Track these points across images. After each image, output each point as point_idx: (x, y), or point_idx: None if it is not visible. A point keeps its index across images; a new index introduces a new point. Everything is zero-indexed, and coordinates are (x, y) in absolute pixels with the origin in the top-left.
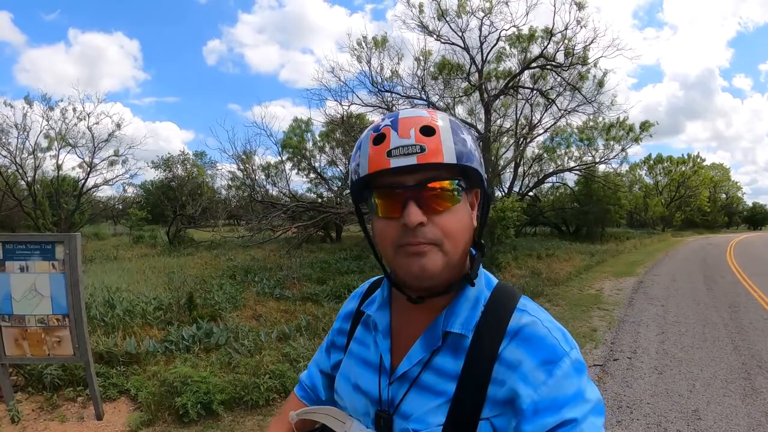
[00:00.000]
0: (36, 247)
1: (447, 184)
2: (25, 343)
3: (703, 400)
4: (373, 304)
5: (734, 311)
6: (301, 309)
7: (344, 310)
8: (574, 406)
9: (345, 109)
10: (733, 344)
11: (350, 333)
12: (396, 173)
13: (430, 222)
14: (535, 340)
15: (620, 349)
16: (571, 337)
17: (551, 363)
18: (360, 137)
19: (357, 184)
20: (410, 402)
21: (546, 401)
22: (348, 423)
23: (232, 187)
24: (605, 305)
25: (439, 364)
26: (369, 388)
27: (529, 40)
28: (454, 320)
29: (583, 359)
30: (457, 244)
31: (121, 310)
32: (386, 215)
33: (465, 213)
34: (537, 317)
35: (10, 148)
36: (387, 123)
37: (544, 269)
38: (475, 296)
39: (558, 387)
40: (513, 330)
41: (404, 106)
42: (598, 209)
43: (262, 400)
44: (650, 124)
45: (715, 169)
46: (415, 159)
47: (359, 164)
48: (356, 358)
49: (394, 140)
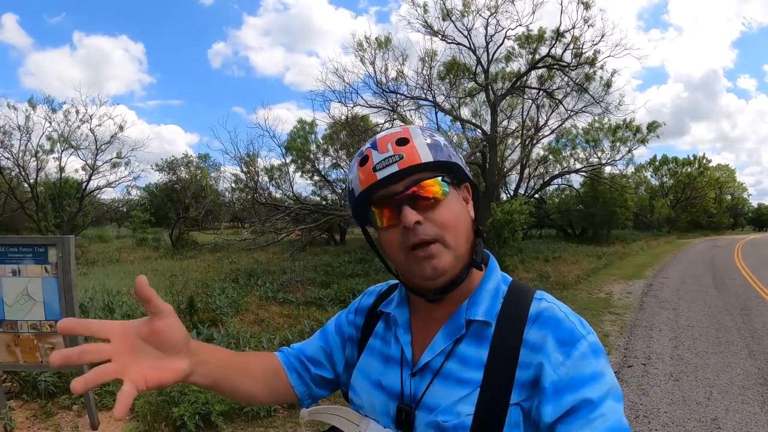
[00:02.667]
0: (28, 249)
1: (432, 181)
2: (18, 350)
3: (722, 407)
4: (392, 304)
5: (746, 314)
6: (304, 314)
7: (359, 304)
8: (592, 387)
9: (349, 110)
10: (747, 349)
11: (365, 329)
12: (385, 184)
13: (426, 219)
14: (553, 322)
15: (634, 355)
16: (588, 324)
17: (568, 344)
18: (349, 167)
19: (356, 206)
20: (435, 393)
21: (564, 381)
22: (363, 424)
23: (236, 189)
24: (616, 309)
25: (463, 353)
26: (389, 383)
27: (538, 40)
28: (477, 309)
29: (600, 343)
30: (458, 234)
31: (120, 314)
32: (387, 224)
33: (457, 205)
34: (554, 303)
35: (12, 150)
36: (368, 146)
37: (552, 272)
38: (495, 288)
39: (575, 367)
40: (534, 315)
41: (409, 107)
42: (605, 211)
43: (264, 411)
44: (657, 125)
45: (720, 170)
46: (396, 167)
47: (353, 188)
48: (376, 355)
49: (376, 157)
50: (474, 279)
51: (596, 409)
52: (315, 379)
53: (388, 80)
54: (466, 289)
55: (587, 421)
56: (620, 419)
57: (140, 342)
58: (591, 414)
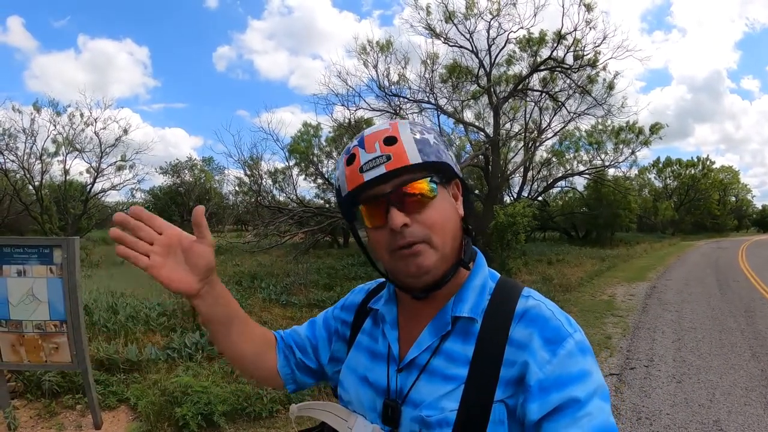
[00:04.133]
0: (33, 250)
1: (420, 183)
2: (22, 349)
3: (724, 409)
4: (380, 301)
5: (750, 316)
6: (307, 316)
7: (347, 301)
8: (578, 385)
9: (352, 113)
10: (751, 351)
11: (354, 325)
12: (373, 185)
13: (413, 221)
14: (540, 321)
15: (636, 357)
16: (575, 322)
17: (555, 343)
18: (337, 162)
19: (344, 204)
20: (420, 389)
21: (550, 379)
22: (351, 419)
23: (240, 192)
24: (619, 311)
25: (448, 349)
26: (376, 378)
27: (539, 42)
28: (463, 306)
29: (587, 341)
30: (445, 235)
31: (124, 315)
32: (374, 224)
33: (445, 205)
34: (541, 301)
35: (18, 152)
36: (355, 143)
37: (555, 275)
38: (481, 285)
39: (562, 365)
40: (520, 312)
41: (412, 110)
42: (608, 213)
43: (266, 411)
44: (660, 126)
45: (724, 172)
46: (383, 168)
47: (340, 186)
48: (364, 351)
49: (363, 157)
50: (461, 275)
51: (583, 408)
52: (299, 365)
53: (391, 83)
54: (452, 285)
55: (573, 420)
56: (607, 418)
57: (178, 249)
58: (578, 413)
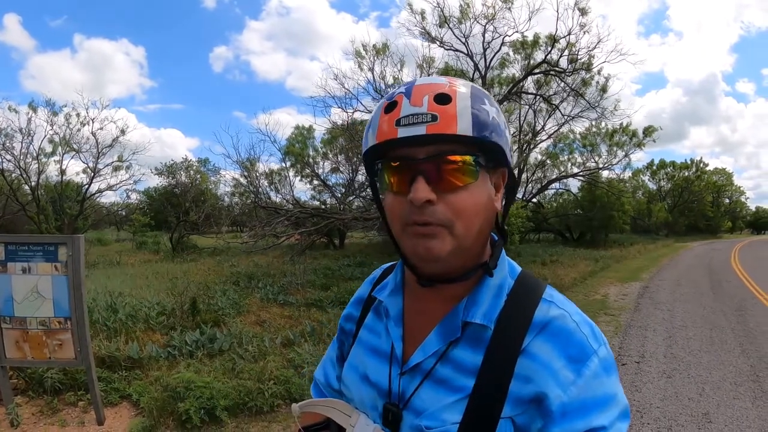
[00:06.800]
0: (38, 248)
1: (462, 158)
2: (26, 346)
3: (713, 403)
4: (385, 290)
5: (741, 314)
6: (305, 315)
7: (356, 296)
8: (602, 412)
9: (349, 116)
10: (741, 347)
11: (360, 320)
12: (405, 144)
13: (440, 200)
14: (564, 336)
15: (628, 353)
16: (599, 331)
17: (579, 362)
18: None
19: (368, 156)
20: (423, 396)
21: (574, 404)
22: (354, 416)
23: (236, 193)
24: (611, 310)
25: (456, 357)
26: (378, 378)
27: (532, 46)
28: (476, 310)
29: (612, 356)
30: (470, 226)
31: (123, 314)
32: (395, 190)
33: (483, 193)
34: (565, 310)
35: (14, 152)
36: (401, 90)
37: (549, 275)
38: (498, 284)
39: (586, 388)
40: (539, 322)
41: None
42: (602, 215)
43: (267, 406)
44: (653, 129)
45: (718, 174)
46: (424, 129)
47: (370, 133)
48: (366, 347)
49: (405, 108)
50: (478, 273)
51: None
52: None
53: (387, 86)
54: (467, 281)
55: None
56: None
57: None
58: None
